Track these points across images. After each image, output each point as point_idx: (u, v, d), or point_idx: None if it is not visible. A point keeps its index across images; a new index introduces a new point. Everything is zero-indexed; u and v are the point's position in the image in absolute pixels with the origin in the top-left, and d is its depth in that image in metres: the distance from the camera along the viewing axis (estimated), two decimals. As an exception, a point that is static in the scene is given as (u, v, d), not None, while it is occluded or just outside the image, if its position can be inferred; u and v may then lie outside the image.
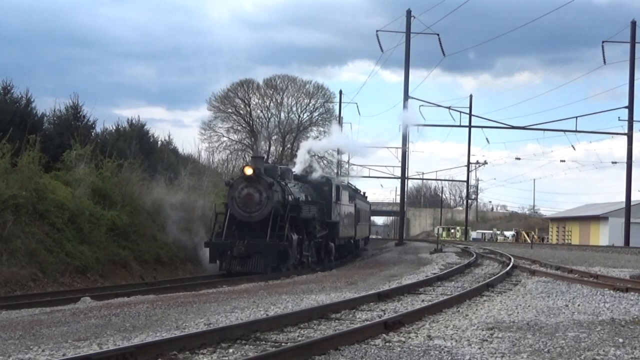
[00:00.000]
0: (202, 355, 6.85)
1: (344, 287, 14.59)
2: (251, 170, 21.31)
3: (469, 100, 66.32)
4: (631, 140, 48.60)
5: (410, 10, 47.27)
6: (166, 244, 24.44)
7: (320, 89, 65.98)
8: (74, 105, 32.10)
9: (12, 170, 19.54)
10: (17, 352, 6.91)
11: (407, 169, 52.93)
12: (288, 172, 24.82)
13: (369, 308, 10.76)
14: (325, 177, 27.53)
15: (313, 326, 8.76)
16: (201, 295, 13.24)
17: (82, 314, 10.04)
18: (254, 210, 21.17)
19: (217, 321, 9.03)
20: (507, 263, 21.39)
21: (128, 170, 25.66)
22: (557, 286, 14.62)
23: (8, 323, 9.20)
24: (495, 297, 12.78)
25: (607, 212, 64.45)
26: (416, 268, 21.14)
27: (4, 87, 29.77)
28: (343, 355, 6.94)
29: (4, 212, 17.82)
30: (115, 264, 20.91)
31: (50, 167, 23.29)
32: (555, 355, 7.13)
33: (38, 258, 17.81)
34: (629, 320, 9.64)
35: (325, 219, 25.59)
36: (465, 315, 10.04)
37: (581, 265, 22.57)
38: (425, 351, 7.15)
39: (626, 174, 49.45)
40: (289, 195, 22.70)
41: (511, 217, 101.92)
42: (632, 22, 47.94)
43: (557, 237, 76.61)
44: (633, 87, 48.57)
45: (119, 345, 7.08)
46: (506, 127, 50.99)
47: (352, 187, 34.83)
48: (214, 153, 55.14)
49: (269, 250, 20.48)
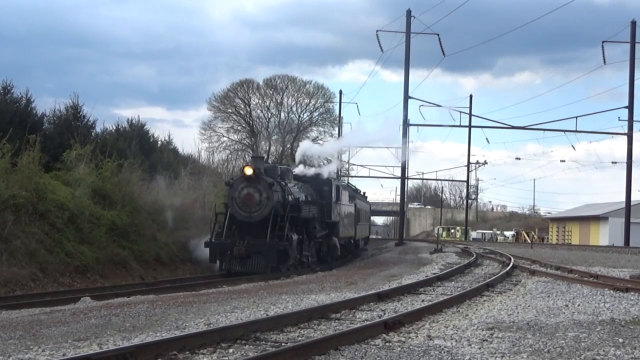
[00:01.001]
0: (202, 355, 6.84)
1: (344, 287, 14.59)
2: (251, 170, 21.33)
3: (469, 100, 66.36)
4: (631, 140, 48.61)
5: (410, 10, 47.31)
6: (166, 244, 24.44)
7: (320, 89, 65.98)
8: (74, 105, 32.17)
9: (12, 170, 19.54)
10: (17, 352, 6.91)
11: (407, 169, 53.00)
12: (288, 172, 24.83)
13: (369, 308, 10.76)
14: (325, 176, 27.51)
15: (313, 326, 8.75)
16: (201, 295, 13.24)
17: (82, 314, 10.04)
18: (254, 210, 21.18)
19: (217, 321, 9.03)
20: (507, 263, 21.39)
21: (128, 170, 25.66)
22: (557, 286, 14.62)
23: (8, 323, 9.20)
24: (495, 297, 12.78)
25: (607, 212, 64.44)
26: (416, 268, 21.14)
27: (4, 87, 29.82)
28: (343, 355, 6.94)
29: (4, 212, 17.82)
30: (115, 264, 20.91)
31: (50, 167, 23.30)
32: (555, 355, 7.13)
33: (38, 258, 17.81)
34: (629, 320, 9.64)
35: (325, 219, 25.60)
36: (465, 315, 10.03)
37: (581, 265, 22.57)
38: (425, 351, 7.15)
39: (626, 174, 49.45)
40: (289, 195, 22.71)
41: (511, 217, 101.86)
42: (632, 22, 47.91)
43: (557, 237, 76.60)
44: (633, 87, 48.61)
45: (119, 345, 7.08)
46: (506, 127, 51.01)
47: (352, 187, 34.84)
48: (214, 153, 55.17)
49: (269, 250, 20.48)
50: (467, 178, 73.75)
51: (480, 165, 77.42)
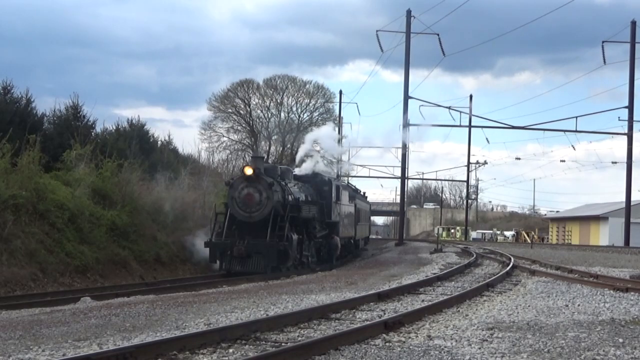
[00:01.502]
0: (202, 355, 6.84)
1: (344, 287, 14.59)
2: (251, 170, 21.33)
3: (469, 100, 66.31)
4: (631, 140, 48.64)
5: (410, 10, 47.33)
6: (166, 244, 24.43)
7: (320, 89, 65.99)
8: (74, 105, 32.17)
9: (12, 170, 19.54)
10: (17, 352, 6.91)
11: (407, 169, 52.98)
12: (288, 172, 24.83)
13: (369, 308, 10.75)
14: (325, 177, 27.52)
15: (313, 326, 8.75)
16: (201, 295, 13.24)
17: (82, 314, 10.04)
18: (254, 210, 21.19)
19: (217, 321, 9.02)
20: (507, 263, 21.39)
21: (128, 170, 25.65)
22: (557, 286, 14.62)
23: (8, 323, 9.20)
24: (495, 297, 12.78)
25: (607, 212, 64.45)
26: (416, 268, 21.14)
27: (4, 87, 29.83)
28: (343, 355, 6.94)
29: (4, 212, 17.82)
30: (115, 264, 20.91)
31: (50, 167, 23.30)
32: (555, 355, 7.13)
33: (38, 258, 17.81)
34: (629, 320, 9.64)
35: (326, 219, 25.60)
36: (465, 315, 10.03)
37: (581, 265, 22.57)
38: (425, 351, 7.15)
39: (626, 174, 49.46)
40: (289, 195, 22.70)
41: (511, 217, 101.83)
42: (632, 22, 47.93)
43: (557, 237, 76.60)
44: (633, 87, 48.62)
45: (119, 345, 7.08)
46: (506, 127, 51.02)
47: (352, 187, 34.81)
48: (214, 153, 55.13)
49: (269, 250, 20.49)
50: (467, 178, 73.81)
51: (480, 165, 77.48)
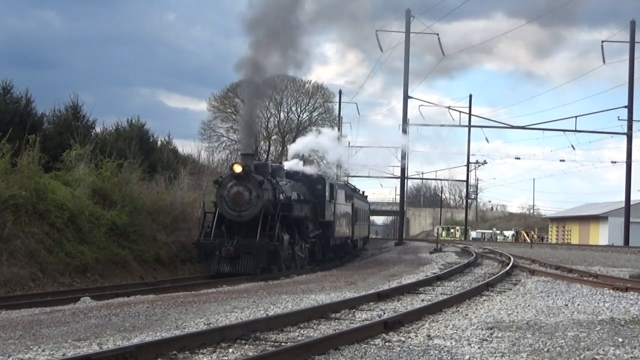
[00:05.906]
0: (202, 355, 6.85)
1: (344, 286, 14.60)
2: (240, 167, 20.43)
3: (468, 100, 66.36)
4: (631, 140, 48.73)
5: (410, 10, 47.37)
6: (166, 244, 24.41)
7: (320, 88, 66.06)
8: (74, 105, 32.13)
9: (12, 170, 19.52)
10: (17, 352, 6.91)
11: (407, 169, 52.97)
12: (280, 169, 24.07)
13: (368, 308, 10.76)
14: (319, 175, 27.11)
15: (313, 326, 8.76)
16: (201, 295, 13.24)
17: (82, 314, 10.04)
18: (243, 209, 20.33)
19: (216, 321, 9.03)
20: (507, 263, 21.41)
21: (128, 170, 25.62)
22: (557, 286, 14.63)
23: (8, 323, 9.20)
24: (495, 296, 12.78)
25: (607, 212, 64.49)
26: (416, 268, 21.14)
27: (4, 87, 29.77)
28: (343, 355, 6.95)
29: (4, 212, 17.81)
30: (115, 264, 20.88)
31: (50, 167, 23.27)
32: (554, 355, 7.14)
33: (38, 258, 17.79)
34: (629, 320, 9.65)
35: (319, 219, 24.94)
36: (465, 315, 10.04)
37: (581, 264, 22.59)
38: (425, 351, 7.16)
39: (626, 173, 49.50)
40: (281, 193, 21.84)
41: (511, 217, 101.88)
42: (632, 21, 47.96)
43: (557, 236, 76.61)
44: (632, 87, 48.65)
45: (119, 345, 7.09)
46: (506, 126, 51.03)
47: (349, 186, 34.46)
48: (213, 153, 55.19)
49: (259, 251, 19.70)
50: (467, 178, 73.82)
51: (480, 165, 77.45)
